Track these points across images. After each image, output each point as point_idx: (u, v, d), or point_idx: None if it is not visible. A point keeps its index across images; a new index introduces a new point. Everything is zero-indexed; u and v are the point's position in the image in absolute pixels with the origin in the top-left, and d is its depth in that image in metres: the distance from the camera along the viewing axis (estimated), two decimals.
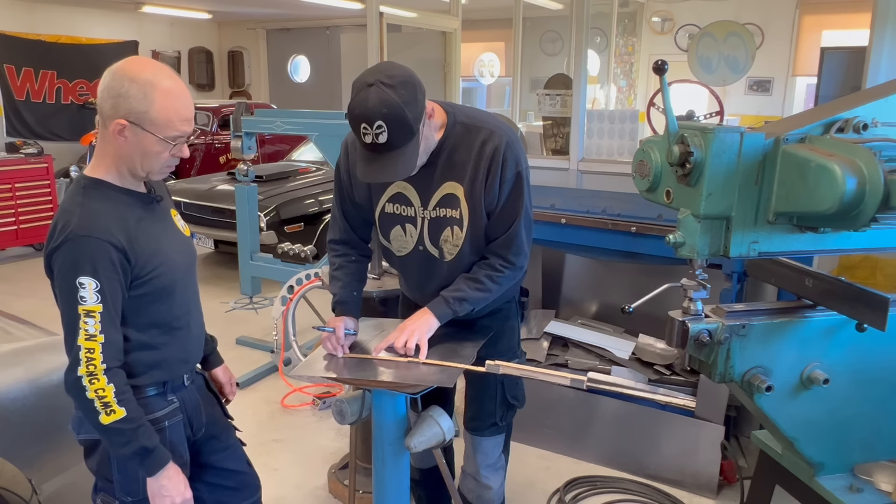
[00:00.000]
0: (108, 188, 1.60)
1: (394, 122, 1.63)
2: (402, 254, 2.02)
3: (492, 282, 1.92)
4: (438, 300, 1.93)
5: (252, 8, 10.23)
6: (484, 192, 1.87)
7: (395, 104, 1.62)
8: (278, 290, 4.07)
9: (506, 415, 2.14)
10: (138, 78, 1.53)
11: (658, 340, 3.34)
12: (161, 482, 1.60)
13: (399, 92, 1.63)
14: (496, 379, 2.06)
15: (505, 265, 1.92)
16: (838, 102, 1.68)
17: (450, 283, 1.98)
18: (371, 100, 1.62)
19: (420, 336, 1.86)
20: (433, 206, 1.92)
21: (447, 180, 1.89)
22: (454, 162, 1.87)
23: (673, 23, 8.99)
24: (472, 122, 1.89)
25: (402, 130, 1.65)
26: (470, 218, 1.89)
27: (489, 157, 1.84)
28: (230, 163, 8.69)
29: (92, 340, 1.50)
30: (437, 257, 1.97)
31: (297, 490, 3.02)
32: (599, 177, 4.13)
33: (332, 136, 3.98)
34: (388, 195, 1.97)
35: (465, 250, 1.93)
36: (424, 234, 1.95)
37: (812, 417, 1.75)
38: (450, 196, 1.90)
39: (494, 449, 2.17)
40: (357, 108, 1.64)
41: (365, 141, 1.66)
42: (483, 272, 1.92)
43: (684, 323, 1.62)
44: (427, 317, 1.91)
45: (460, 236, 1.91)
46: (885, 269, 2.91)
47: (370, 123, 1.62)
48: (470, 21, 7.21)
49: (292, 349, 3.91)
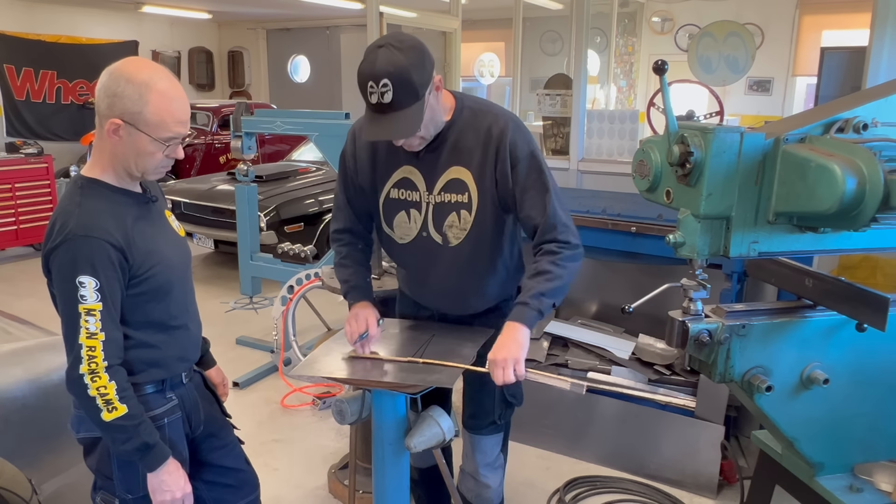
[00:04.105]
0: (104, 188, 1.61)
1: (399, 81, 1.65)
2: (405, 241, 2.01)
3: (557, 266, 1.81)
4: (518, 308, 1.81)
5: (252, 8, 10.23)
6: (496, 176, 1.86)
7: (401, 64, 1.65)
8: (278, 290, 4.07)
9: (504, 413, 2.14)
10: (135, 78, 1.53)
11: (658, 340, 3.34)
12: (162, 477, 1.61)
13: (407, 54, 1.66)
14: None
15: (561, 247, 1.83)
16: (838, 102, 1.68)
17: (451, 273, 1.97)
18: (379, 60, 1.66)
19: (517, 361, 1.76)
20: (438, 191, 1.91)
21: (453, 165, 1.89)
22: (461, 146, 1.88)
23: (673, 23, 8.99)
24: (478, 107, 1.91)
25: (407, 91, 1.67)
26: (479, 202, 1.88)
27: (497, 140, 1.85)
28: (230, 163, 8.70)
29: (93, 339, 1.51)
30: (439, 244, 1.95)
31: (297, 490, 3.02)
32: (599, 177, 4.14)
33: (332, 136, 3.99)
34: (394, 181, 1.96)
35: (472, 235, 1.92)
36: (429, 219, 1.94)
37: (812, 417, 1.75)
38: (456, 181, 1.90)
39: (493, 448, 2.17)
40: (365, 68, 1.68)
41: (371, 101, 1.69)
42: (544, 261, 1.82)
43: (684, 323, 1.62)
44: (514, 334, 1.78)
45: (468, 220, 1.90)
46: (885, 269, 2.91)
47: (376, 81, 1.66)
48: (470, 21, 7.21)
49: (292, 349, 3.91)
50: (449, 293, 2.06)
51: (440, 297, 2.11)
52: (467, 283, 2.02)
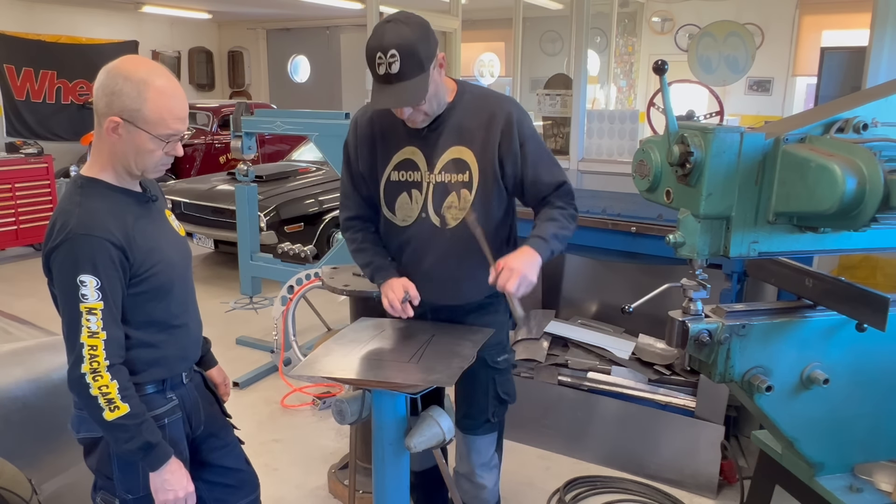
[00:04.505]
0: (104, 187, 1.61)
1: (406, 52, 1.74)
2: (406, 223, 2.03)
3: (570, 222, 1.98)
4: (538, 240, 1.90)
5: (252, 8, 10.23)
6: (500, 154, 1.94)
7: (408, 37, 1.75)
8: (278, 290, 4.08)
9: (498, 411, 2.15)
10: (132, 76, 1.54)
11: (658, 340, 3.34)
12: (164, 476, 1.61)
13: (413, 29, 1.77)
14: (488, 375, 2.08)
15: (573, 211, 2.00)
16: (838, 102, 1.68)
17: (447, 257, 1.99)
18: (387, 33, 1.76)
19: (529, 278, 1.82)
20: (439, 170, 1.97)
21: (455, 144, 1.96)
22: (463, 127, 1.96)
23: (673, 23, 8.99)
24: (480, 92, 2.03)
25: (413, 62, 1.76)
26: (480, 180, 1.95)
27: (503, 121, 1.94)
28: (230, 163, 8.70)
29: (94, 338, 1.51)
30: (437, 226, 1.99)
31: (297, 490, 3.02)
32: (599, 177, 4.14)
33: (332, 136, 3.99)
34: (395, 163, 2.01)
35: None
36: (429, 200, 1.99)
37: (812, 417, 1.75)
38: (457, 160, 1.96)
39: (488, 447, 2.17)
40: (374, 41, 1.78)
41: (378, 72, 1.78)
42: (559, 213, 1.97)
43: (684, 323, 1.62)
44: (530, 253, 1.87)
45: (468, 199, 1.96)
46: (885, 269, 2.91)
47: (385, 52, 1.75)
48: (470, 21, 7.21)
49: (292, 349, 3.91)
50: (443, 280, 2.06)
51: (434, 285, 2.09)
52: (462, 268, 2.03)
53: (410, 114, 1.87)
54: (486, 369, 2.06)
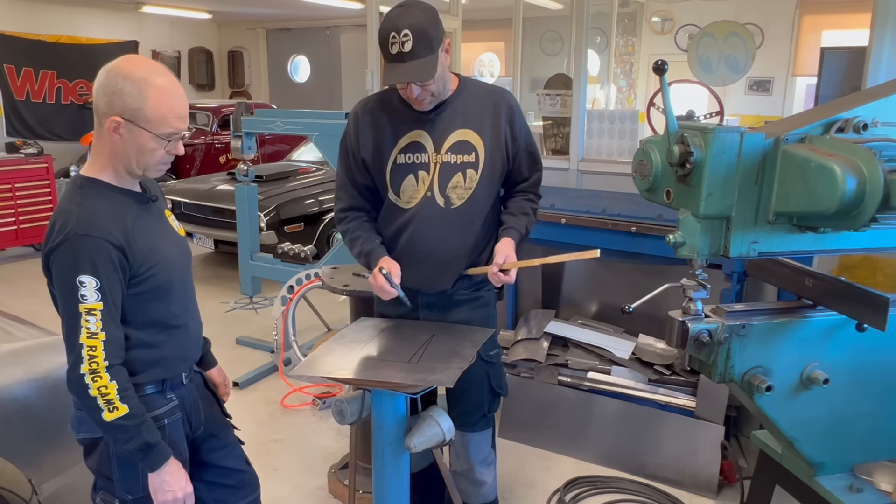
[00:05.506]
0: (104, 187, 1.61)
1: (418, 32, 1.86)
2: (411, 205, 2.07)
3: (535, 213, 2.21)
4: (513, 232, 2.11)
5: (252, 8, 10.23)
6: (506, 139, 2.08)
7: (420, 18, 1.89)
8: (278, 290, 4.07)
9: (493, 405, 2.19)
10: (132, 75, 1.53)
11: (658, 340, 3.34)
12: (163, 477, 1.61)
13: (424, 13, 1.91)
14: (481, 370, 2.11)
15: (538, 199, 2.23)
16: (838, 102, 1.68)
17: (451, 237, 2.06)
18: (400, 15, 1.89)
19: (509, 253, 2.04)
20: (445, 151, 2.05)
21: (460, 127, 2.06)
22: (469, 112, 2.07)
23: (673, 23, 8.99)
24: (481, 84, 2.18)
25: (424, 42, 1.88)
26: (486, 161, 2.06)
27: (506, 109, 2.09)
28: (230, 163, 8.70)
29: (94, 338, 1.51)
30: (441, 206, 2.05)
31: (297, 490, 3.02)
32: (599, 177, 4.14)
33: (332, 136, 3.96)
34: (400, 147, 2.07)
35: (478, 194, 2.06)
36: (435, 180, 2.06)
37: (812, 417, 1.75)
38: (463, 142, 2.06)
39: (485, 443, 2.22)
40: (388, 23, 1.91)
41: (391, 52, 1.90)
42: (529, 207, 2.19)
43: (684, 323, 1.62)
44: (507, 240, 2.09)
45: (474, 178, 2.06)
46: (885, 269, 2.91)
47: (398, 31, 1.87)
48: (470, 21, 7.22)
49: (292, 349, 3.91)
50: (442, 261, 2.09)
51: (431, 267, 2.10)
52: (457, 246, 2.09)
53: (418, 94, 1.96)
54: (479, 364, 2.08)
